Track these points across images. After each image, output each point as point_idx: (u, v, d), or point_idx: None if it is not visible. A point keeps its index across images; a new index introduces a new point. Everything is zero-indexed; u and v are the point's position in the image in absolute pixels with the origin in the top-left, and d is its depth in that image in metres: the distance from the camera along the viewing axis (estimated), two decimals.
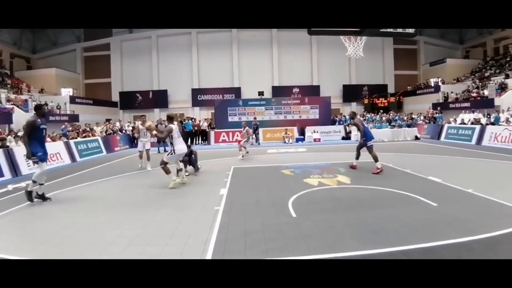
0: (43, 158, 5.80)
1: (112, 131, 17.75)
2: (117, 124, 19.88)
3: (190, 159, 8.52)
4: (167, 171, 6.80)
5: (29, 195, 5.71)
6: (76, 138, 13.94)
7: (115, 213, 5.10)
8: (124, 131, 18.70)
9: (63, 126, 15.97)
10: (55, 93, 23.88)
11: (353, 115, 9.09)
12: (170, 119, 7.03)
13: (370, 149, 7.93)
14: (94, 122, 19.09)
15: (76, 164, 11.70)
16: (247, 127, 12.73)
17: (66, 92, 24.34)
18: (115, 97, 27.74)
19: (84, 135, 15.06)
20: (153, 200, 5.82)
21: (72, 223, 4.64)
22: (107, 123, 19.08)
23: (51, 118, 19.45)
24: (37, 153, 5.68)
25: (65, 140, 12.96)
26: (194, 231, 4.09)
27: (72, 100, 23.08)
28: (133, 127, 15.22)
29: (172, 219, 4.58)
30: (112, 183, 7.73)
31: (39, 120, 5.77)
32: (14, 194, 6.73)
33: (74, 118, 21.04)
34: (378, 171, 7.66)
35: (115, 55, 27.93)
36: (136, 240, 3.82)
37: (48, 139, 12.47)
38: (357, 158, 8.41)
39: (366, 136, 8.02)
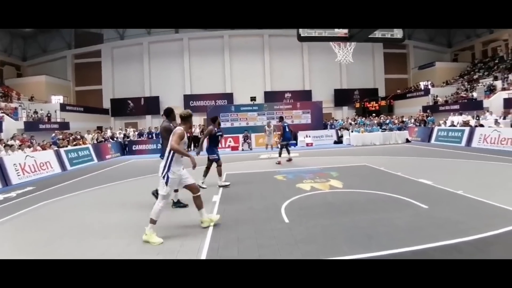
0: None
1: (103, 139, 17.57)
2: (108, 131, 19.69)
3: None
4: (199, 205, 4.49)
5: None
6: (66, 146, 13.75)
7: (107, 220, 5.05)
8: (115, 139, 18.54)
9: (53, 134, 15.79)
10: (45, 100, 23.50)
11: (280, 119, 11.39)
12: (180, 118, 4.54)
13: (286, 146, 10.98)
14: (85, 130, 18.86)
15: (66, 173, 11.54)
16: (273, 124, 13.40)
17: (57, 99, 24.00)
18: (106, 104, 27.44)
19: (74, 143, 14.87)
20: (148, 205, 5.74)
21: (68, 229, 4.64)
22: (98, 131, 18.83)
23: (41, 126, 19.22)
24: None
25: (55, 148, 12.79)
26: (187, 239, 4.06)
27: (63, 107, 22.74)
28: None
29: (165, 227, 4.53)
30: (105, 191, 7.65)
31: (171, 124, 5.73)
32: (4, 204, 6.64)
33: (64, 126, 20.74)
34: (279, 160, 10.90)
35: (106, 62, 27.68)
36: (127, 250, 3.79)
37: (38, 147, 12.33)
38: (282, 154, 10.95)
39: (284, 137, 10.73)
